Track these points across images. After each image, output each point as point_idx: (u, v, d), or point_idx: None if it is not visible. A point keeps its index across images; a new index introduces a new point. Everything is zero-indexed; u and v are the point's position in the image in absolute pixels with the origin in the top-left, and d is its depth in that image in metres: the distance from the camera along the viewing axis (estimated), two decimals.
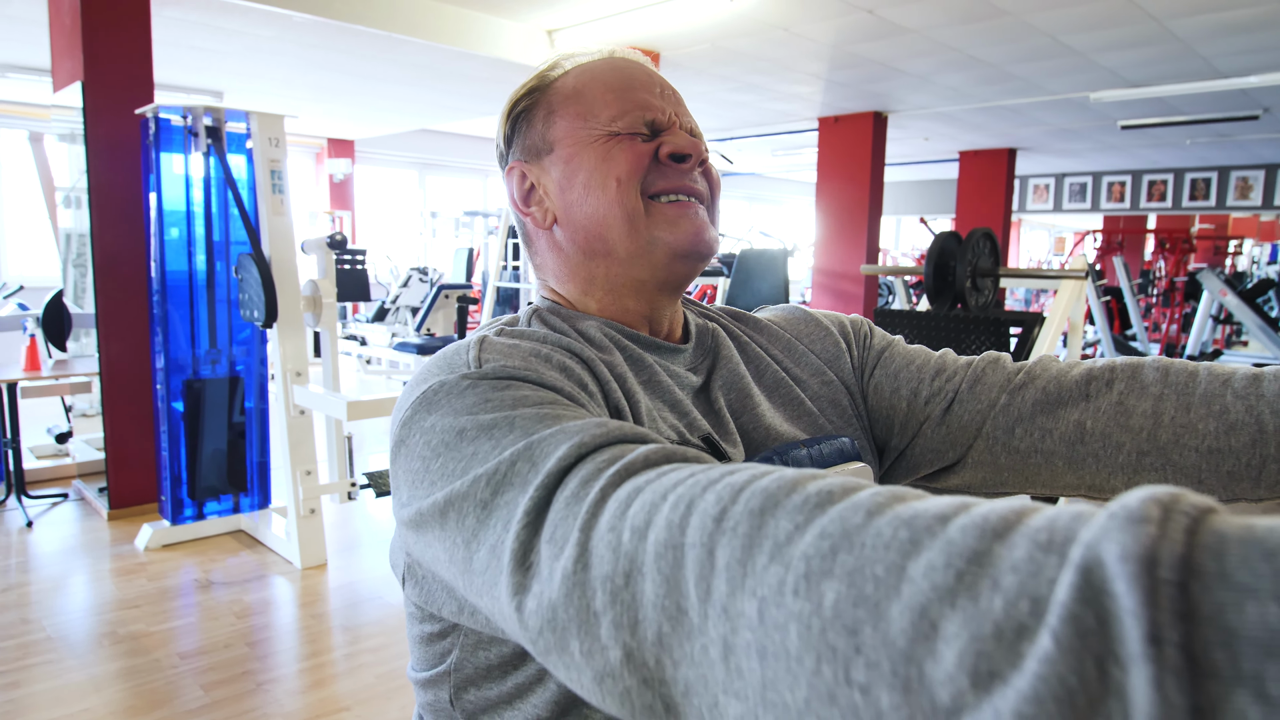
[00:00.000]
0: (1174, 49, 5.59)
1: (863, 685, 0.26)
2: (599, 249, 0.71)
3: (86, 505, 4.16)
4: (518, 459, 0.46)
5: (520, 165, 0.75)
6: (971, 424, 0.73)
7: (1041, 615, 0.23)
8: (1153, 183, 11.83)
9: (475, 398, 0.53)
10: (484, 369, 0.56)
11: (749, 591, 0.31)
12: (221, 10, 4.79)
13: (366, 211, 10.89)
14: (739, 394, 0.74)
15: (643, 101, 0.71)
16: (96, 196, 3.84)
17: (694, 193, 0.72)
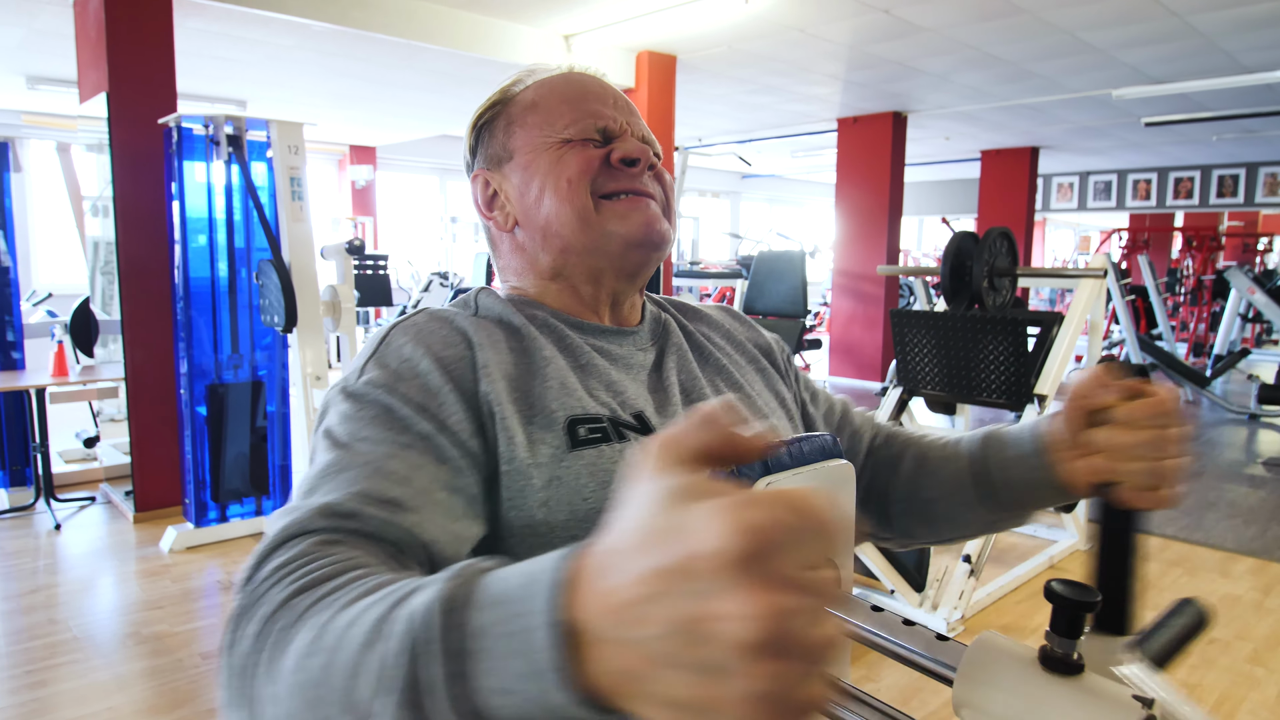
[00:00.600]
0: (1196, 44, 5.52)
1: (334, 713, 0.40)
2: (557, 245, 0.76)
3: (113, 508, 4.23)
4: (311, 484, 0.59)
5: (483, 173, 0.81)
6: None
7: (396, 642, 0.39)
8: (1179, 180, 11.68)
9: (340, 413, 0.64)
10: (357, 385, 0.65)
11: (278, 679, 0.43)
12: (243, 21, 4.87)
13: (388, 217, 10.98)
14: (688, 375, 0.80)
15: (595, 111, 0.77)
16: (121, 205, 3.91)
17: (644, 192, 0.77)
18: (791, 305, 5.49)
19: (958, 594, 2.93)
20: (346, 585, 0.46)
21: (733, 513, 0.30)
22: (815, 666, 0.31)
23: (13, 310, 4.58)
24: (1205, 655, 2.78)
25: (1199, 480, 4.98)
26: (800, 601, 0.30)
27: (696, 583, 0.30)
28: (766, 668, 0.30)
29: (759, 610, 0.29)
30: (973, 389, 3.43)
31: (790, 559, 0.30)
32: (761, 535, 0.30)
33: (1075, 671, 0.51)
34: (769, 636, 0.29)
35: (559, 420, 0.67)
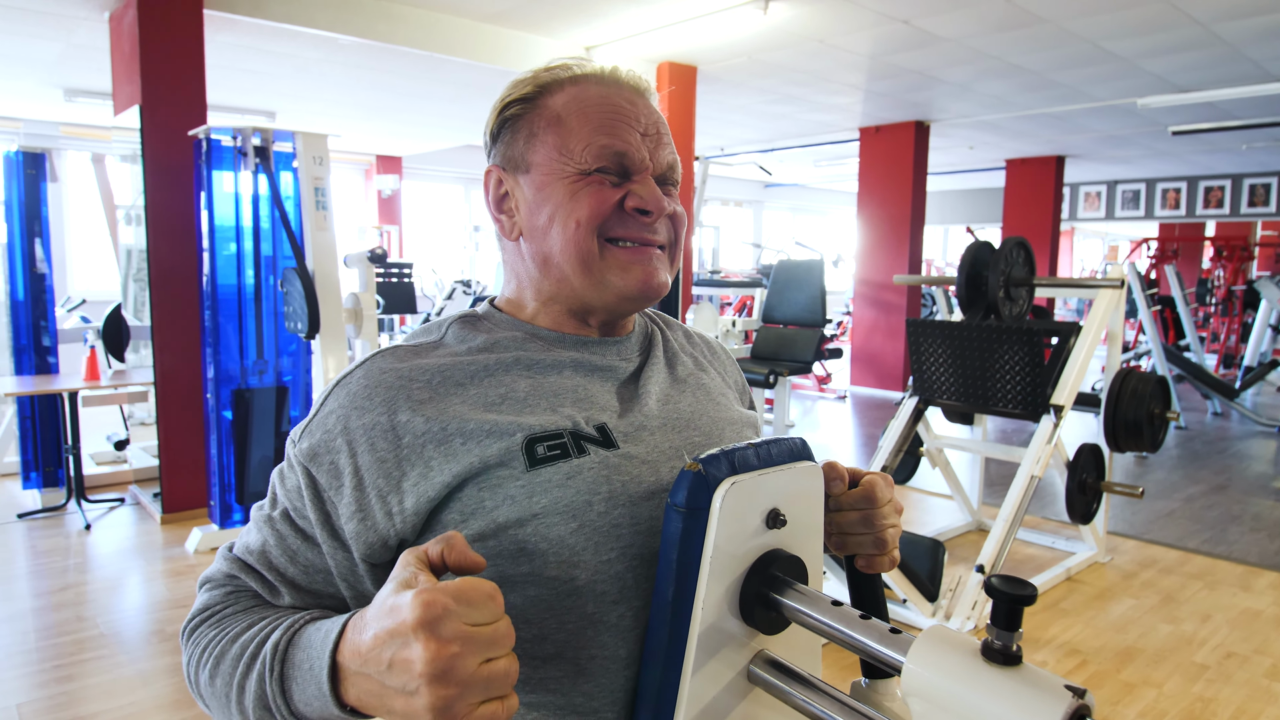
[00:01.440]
0: (1221, 53, 5.47)
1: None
2: (556, 275, 0.77)
3: (141, 509, 4.33)
4: (247, 530, 0.76)
5: (499, 171, 0.80)
6: None
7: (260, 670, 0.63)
8: (1209, 189, 11.52)
9: (279, 472, 0.75)
10: (293, 451, 0.73)
11: (212, 693, 0.68)
12: (272, 35, 4.98)
13: (413, 226, 11.12)
14: (663, 389, 0.81)
15: (620, 140, 0.75)
16: (152, 214, 4.02)
17: (651, 242, 0.77)
18: (810, 314, 5.50)
19: (971, 604, 2.93)
20: (236, 624, 0.68)
21: (421, 595, 0.51)
22: (485, 692, 0.51)
23: (48, 315, 4.71)
24: (1223, 669, 2.76)
25: (1224, 493, 4.92)
26: (462, 648, 0.50)
27: (400, 638, 0.51)
28: (437, 691, 0.50)
29: (429, 654, 0.50)
30: (989, 399, 3.43)
31: (457, 621, 0.50)
32: (438, 608, 0.50)
33: (1014, 662, 0.53)
34: (438, 670, 0.50)
35: (516, 441, 0.69)
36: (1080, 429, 6.60)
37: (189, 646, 0.70)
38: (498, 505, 0.67)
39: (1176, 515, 4.45)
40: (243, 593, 0.72)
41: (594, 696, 0.68)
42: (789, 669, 0.68)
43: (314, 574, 0.71)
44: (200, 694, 0.68)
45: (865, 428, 6.83)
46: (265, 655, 0.61)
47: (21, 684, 2.55)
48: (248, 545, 0.73)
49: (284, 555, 0.71)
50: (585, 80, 0.78)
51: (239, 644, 0.65)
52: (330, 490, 0.70)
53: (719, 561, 0.64)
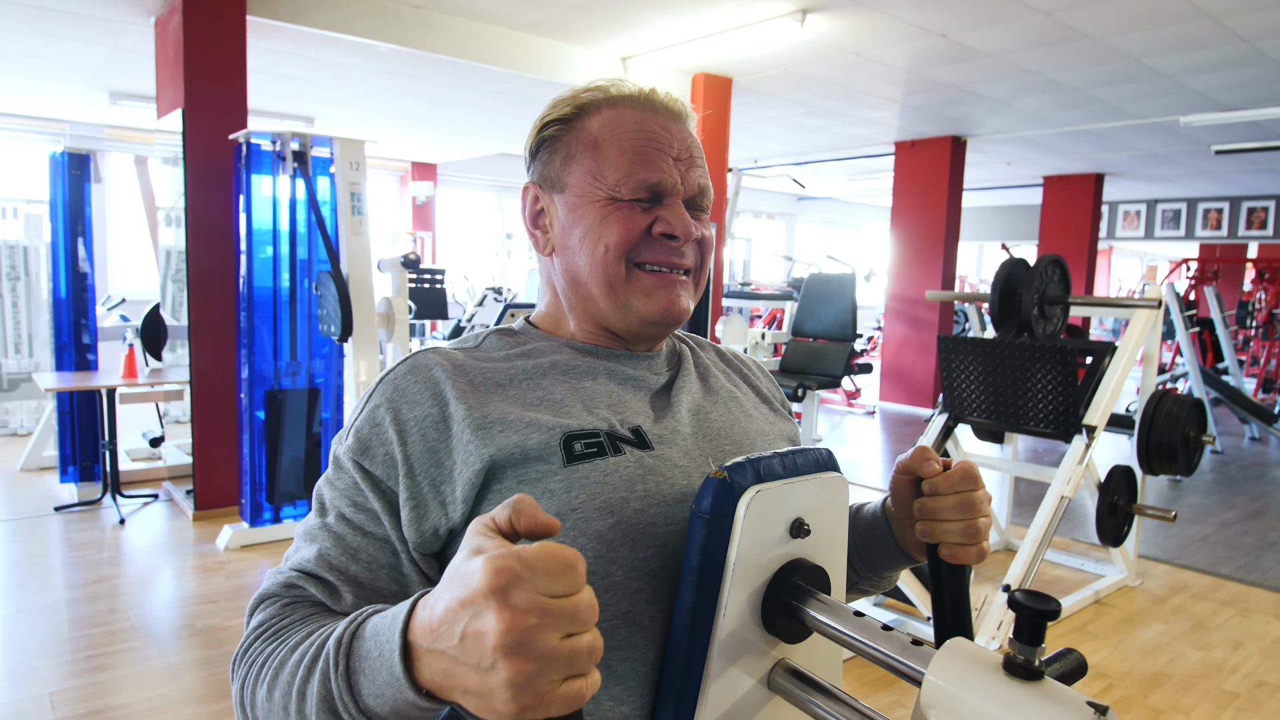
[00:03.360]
0: (1268, 71, 5.38)
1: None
2: (583, 294, 0.81)
3: (174, 506, 4.41)
4: (298, 540, 0.74)
5: (535, 188, 0.84)
6: None
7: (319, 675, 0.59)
8: (1252, 210, 11.30)
9: (326, 478, 0.75)
10: (347, 446, 0.74)
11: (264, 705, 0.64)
12: (313, 42, 5.07)
13: (447, 232, 11.23)
14: (695, 401, 0.84)
15: (652, 166, 0.77)
16: (192, 216, 4.10)
17: (677, 266, 0.79)
18: (840, 329, 5.46)
19: (996, 624, 2.89)
20: (293, 634, 0.65)
21: (493, 561, 0.46)
22: (565, 669, 0.46)
23: (89, 314, 4.82)
24: (1254, 698, 2.69)
25: (1260, 519, 4.81)
26: (540, 620, 0.45)
27: (471, 608, 0.46)
28: (515, 665, 0.45)
29: (503, 624, 0.45)
30: (1020, 418, 3.39)
31: (533, 590, 0.45)
32: (511, 574, 0.45)
33: (1036, 677, 0.53)
34: (513, 642, 0.45)
35: (555, 436, 0.71)
36: (1113, 450, 6.48)
37: (241, 669, 0.66)
38: (537, 499, 0.68)
39: (1210, 540, 4.36)
40: (300, 603, 0.69)
41: (623, 700, 0.68)
42: (810, 678, 0.68)
43: (377, 570, 0.70)
44: (255, 715, 0.64)
45: (894, 444, 6.77)
46: (328, 652, 0.57)
47: (55, 673, 2.60)
48: (301, 558, 0.71)
49: (344, 555, 0.70)
50: (622, 103, 0.80)
51: (298, 652, 0.61)
52: (389, 480, 0.71)
53: (742, 569, 0.64)
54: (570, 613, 0.46)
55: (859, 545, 0.86)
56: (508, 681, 0.45)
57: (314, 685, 0.57)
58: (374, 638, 0.54)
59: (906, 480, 0.77)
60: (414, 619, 0.51)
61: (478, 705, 0.47)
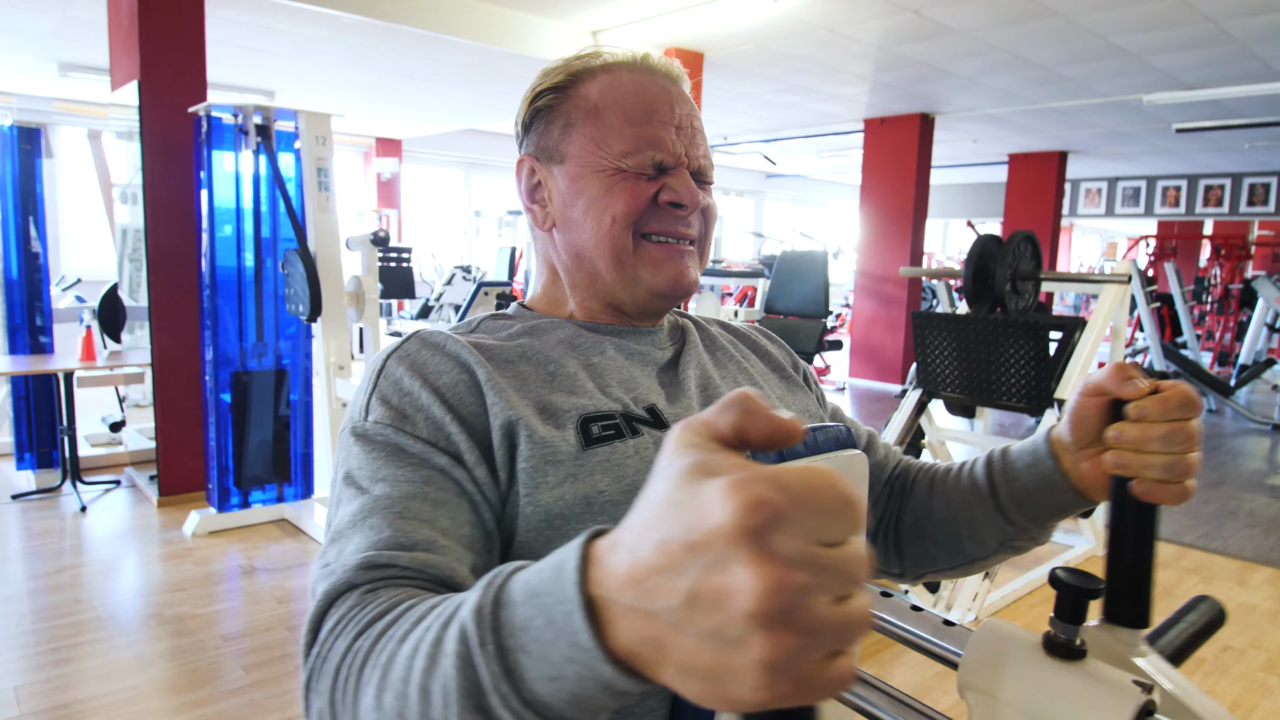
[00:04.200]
0: (1230, 50, 5.45)
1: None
2: (588, 269, 0.77)
3: (137, 492, 4.30)
4: (338, 537, 0.60)
5: (531, 160, 0.79)
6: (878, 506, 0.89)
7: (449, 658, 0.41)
8: (1209, 187, 11.52)
9: (355, 457, 0.64)
10: (367, 423, 0.65)
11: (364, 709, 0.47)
12: (273, 11, 4.92)
13: (413, 210, 11.06)
14: (705, 372, 0.81)
15: (656, 139, 0.74)
16: (150, 193, 3.97)
17: (684, 236, 0.76)
18: (813, 306, 5.48)
19: (971, 596, 2.93)
20: (398, 619, 0.48)
21: (743, 487, 0.30)
22: (833, 643, 0.31)
23: (42, 295, 4.66)
24: (1219, 662, 2.76)
25: (1219, 489, 4.92)
26: (812, 578, 0.30)
27: (707, 555, 0.31)
28: (776, 639, 0.30)
29: (765, 583, 0.29)
30: (993, 392, 3.42)
31: (802, 534, 0.30)
32: (771, 510, 0.30)
33: (1077, 656, 0.51)
34: (777, 609, 0.30)
35: (572, 420, 0.68)
36: None
37: (324, 684, 0.50)
38: (559, 483, 0.65)
39: (1172, 510, 4.46)
40: (388, 584, 0.55)
41: (649, 693, 0.66)
42: None
43: (471, 530, 0.62)
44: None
45: (864, 420, 6.82)
46: (465, 629, 0.40)
47: (18, 666, 2.53)
48: (358, 549, 0.57)
49: (419, 521, 0.59)
50: (618, 68, 0.77)
51: (411, 640, 0.45)
52: (440, 442, 0.65)
53: None
54: (846, 567, 0.32)
55: (1015, 492, 0.76)
56: (763, 662, 0.31)
57: (445, 677, 0.41)
58: (532, 601, 0.38)
59: (1098, 404, 0.66)
60: (596, 566, 0.36)
61: (704, 690, 0.33)
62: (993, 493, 0.78)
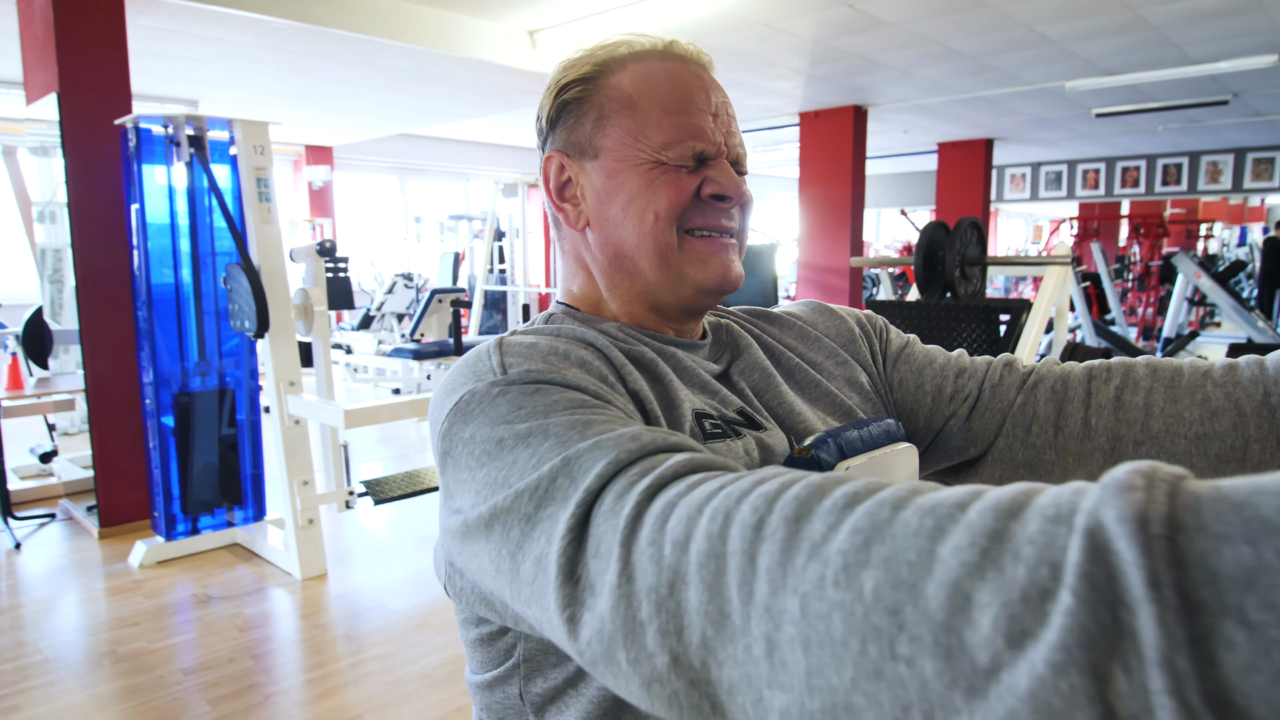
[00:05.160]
0: (1148, 36, 5.65)
1: (907, 658, 0.30)
2: (628, 267, 0.73)
3: (75, 524, 4.09)
4: (557, 474, 0.49)
5: (560, 157, 0.75)
6: (993, 423, 0.78)
7: (1059, 577, 0.27)
8: (1126, 169, 11.98)
9: (507, 406, 0.55)
10: (510, 374, 0.58)
11: (790, 589, 0.34)
12: (198, 18, 4.74)
13: (347, 218, 10.81)
14: (761, 376, 0.77)
15: (696, 129, 0.71)
16: (76, 210, 3.78)
17: (727, 230, 0.73)
18: (762, 298, 5.52)
19: None
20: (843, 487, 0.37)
21: None
22: None
23: None
24: None
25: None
26: None
27: None
28: None
29: None
30: None
31: None
32: None
33: None
34: None
35: (687, 413, 0.66)
36: None
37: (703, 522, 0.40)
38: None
39: None
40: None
41: None
42: None
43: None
44: (740, 613, 0.36)
45: None
46: (1088, 550, 0.27)
47: None
48: (602, 462, 0.47)
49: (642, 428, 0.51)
50: (647, 56, 0.73)
51: (914, 523, 0.32)
52: (604, 387, 0.59)
53: None
54: None
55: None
56: None
57: (1007, 603, 0.28)
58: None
59: None
60: None
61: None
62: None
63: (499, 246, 7.03)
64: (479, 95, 7.05)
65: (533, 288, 6.80)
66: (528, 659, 0.65)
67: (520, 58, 5.55)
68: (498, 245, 6.93)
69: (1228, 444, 0.67)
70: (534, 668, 0.65)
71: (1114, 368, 0.74)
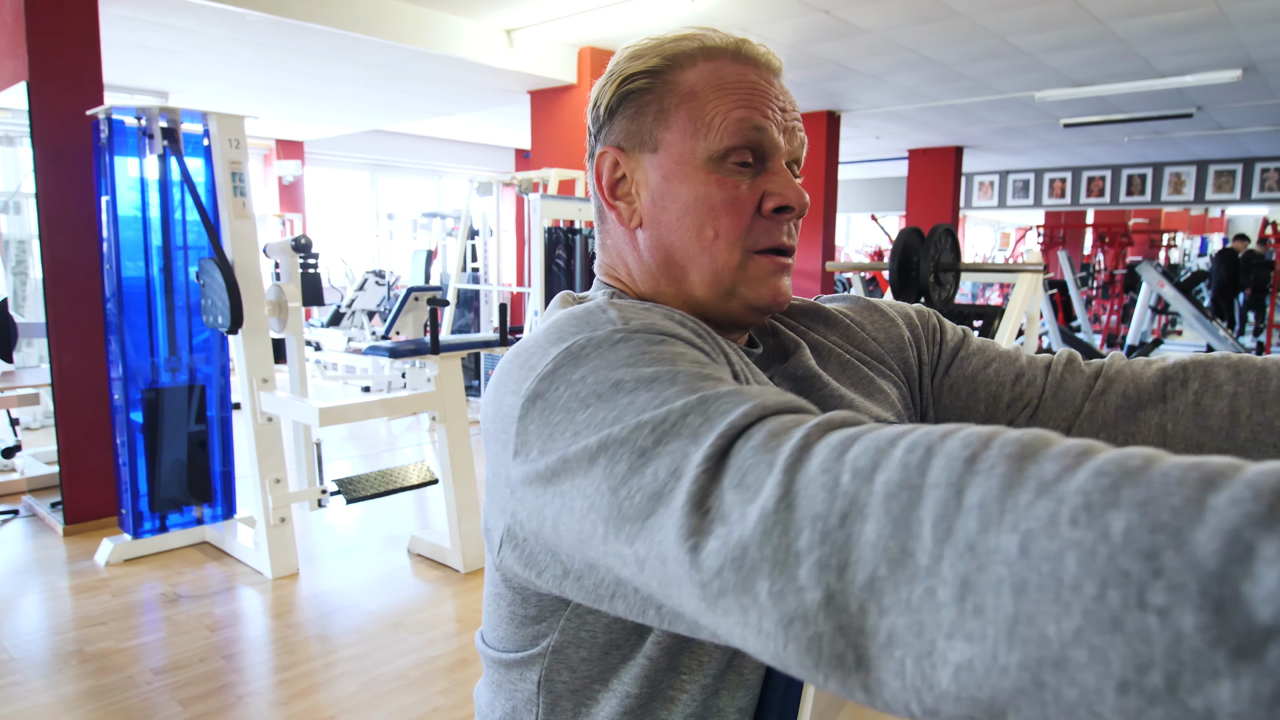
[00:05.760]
0: (1116, 50, 5.78)
1: (1160, 608, 0.27)
2: (676, 274, 0.71)
3: (39, 521, 4.01)
4: (690, 411, 0.45)
5: (615, 152, 0.72)
6: (1058, 431, 0.74)
7: None
8: (1091, 179, 12.22)
9: (630, 350, 0.52)
10: (631, 325, 0.55)
11: (1009, 527, 0.31)
12: (172, 9, 4.67)
13: (317, 214, 10.69)
14: (805, 375, 0.74)
15: (760, 117, 0.68)
16: (45, 202, 3.71)
17: (787, 249, 0.71)
18: None
19: None
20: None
21: None
22: None
23: None
24: None
25: None
26: None
27: None
28: None
29: None
30: None
31: None
32: None
33: None
34: None
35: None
36: None
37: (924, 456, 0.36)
38: None
39: None
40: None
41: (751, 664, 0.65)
42: None
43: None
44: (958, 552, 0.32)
45: None
46: None
47: None
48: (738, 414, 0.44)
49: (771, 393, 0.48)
50: (719, 54, 0.70)
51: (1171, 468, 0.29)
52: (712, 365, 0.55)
53: None
54: None
55: None
56: None
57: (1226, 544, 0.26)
58: None
59: None
60: None
61: None
62: None
63: (472, 245, 7.00)
64: (455, 92, 7.01)
65: (505, 287, 6.78)
66: (557, 650, 0.64)
67: (497, 56, 5.54)
68: (471, 244, 6.89)
69: None
70: (561, 660, 0.64)
71: (1190, 368, 0.69)
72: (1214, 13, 4.96)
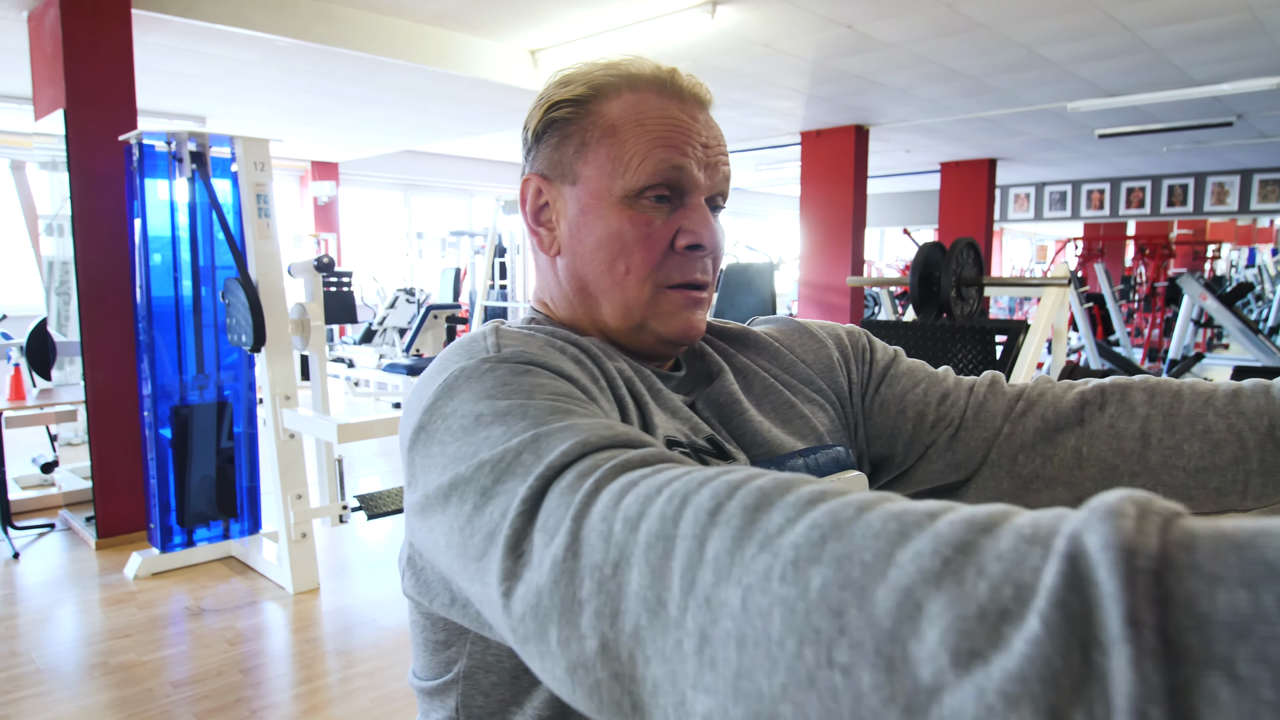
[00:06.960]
0: (1148, 59, 5.68)
1: (844, 666, 0.27)
2: (590, 304, 0.72)
3: (74, 535, 4.11)
4: (524, 449, 0.47)
5: (538, 180, 0.73)
6: (977, 451, 0.74)
7: (1027, 600, 0.24)
8: (1131, 190, 11.98)
9: (494, 381, 0.54)
10: (503, 353, 0.57)
11: (735, 580, 0.32)
12: (204, 36, 4.80)
13: (351, 233, 10.88)
14: (728, 402, 0.74)
15: (679, 155, 0.68)
16: (80, 224, 3.82)
17: (701, 284, 0.71)
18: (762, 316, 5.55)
19: None
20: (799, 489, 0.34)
21: None
22: None
23: None
24: None
25: None
26: None
27: None
28: None
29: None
30: None
31: None
32: None
33: None
34: None
35: (659, 439, 0.65)
36: None
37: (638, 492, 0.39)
38: None
39: None
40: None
41: None
42: None
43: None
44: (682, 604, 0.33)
45: None
46: (1065, 578, 0.24)
47: None
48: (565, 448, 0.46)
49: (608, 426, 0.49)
50: (644, 86, 0.70)
51: (875, 527, 0.29)
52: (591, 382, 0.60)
53: None
54: None
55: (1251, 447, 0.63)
56: None
57: (961, 620, 0.25)
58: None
59: None
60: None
61: None
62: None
63: (500, 263, 7.07)
64: (481, 113, 7.11)
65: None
66: (468, 675, 0.65)
67: (522, 77, 5.61)
68: (499, 261, 6.96)
69: (1229, 478, 0.63)
70: (473, 685, 0.65)
71: (1108, 392, 0.70)
72: (1249, 19, 4.86)
